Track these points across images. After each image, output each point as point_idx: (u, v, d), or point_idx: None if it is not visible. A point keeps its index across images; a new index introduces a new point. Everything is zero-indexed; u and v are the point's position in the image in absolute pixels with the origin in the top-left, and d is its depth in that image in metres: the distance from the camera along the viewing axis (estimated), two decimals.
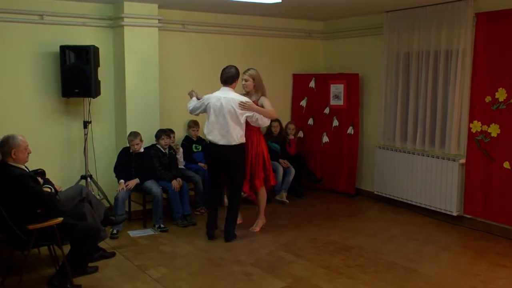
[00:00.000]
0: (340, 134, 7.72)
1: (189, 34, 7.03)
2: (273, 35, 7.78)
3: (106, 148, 6.52)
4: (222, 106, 5.41)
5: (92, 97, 5.99)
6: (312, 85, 7.98)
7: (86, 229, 4.44)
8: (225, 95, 5.46)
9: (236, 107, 5.41)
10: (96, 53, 5.98)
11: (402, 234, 5.95)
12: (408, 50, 6.74)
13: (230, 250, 5.36)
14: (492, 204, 5.90)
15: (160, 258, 5.11)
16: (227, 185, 5.74)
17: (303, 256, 5.19)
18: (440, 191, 6.42)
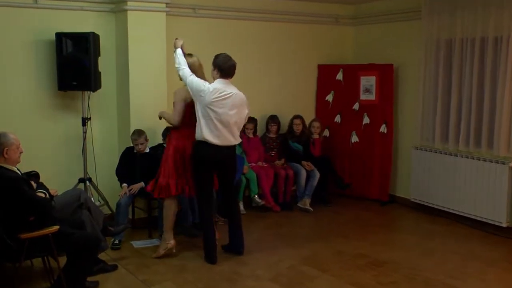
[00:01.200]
0: (372, 133, 7.68)
1: (200, 19, 7.04)
2: (295, 21, 7.76)
3: (107, 148, 6.57)
4: (235, 103, 5.37)
5: (91, 90, 6.03)
6: (339, 77, 7.95)
7: (85, 238, 4.46)
8: (234, 90, 5.42)
9: (246, 106, 5.50)
10: (96, 41, 6.01)
11: (442, 247, 5.90)
12: (449, 37, 6.67)
13: (245, 263, 5.36)
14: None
15: (167, 272, 5.12)
16: (223, 191, 5.65)
17: (329, 271, 5.17)
18: (487, 199, 6.35)
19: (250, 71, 7.45)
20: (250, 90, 7.44)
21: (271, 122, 7.59)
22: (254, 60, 7.50)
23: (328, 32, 8.10)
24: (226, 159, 5.38)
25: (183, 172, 5.43)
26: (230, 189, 5.63)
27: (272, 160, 7.54)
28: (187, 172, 5.42)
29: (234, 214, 5.66)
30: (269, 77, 7.69)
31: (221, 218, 6.64)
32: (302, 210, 7.26)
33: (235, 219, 5.65)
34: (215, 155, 5.27)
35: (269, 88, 7.71)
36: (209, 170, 5.38)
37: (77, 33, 5.92)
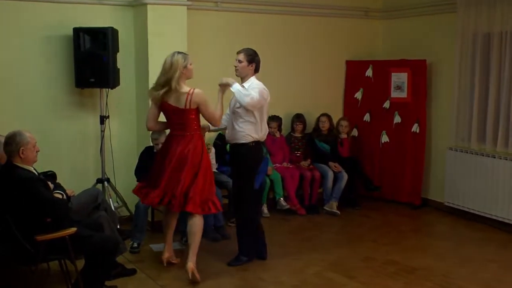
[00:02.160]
0: (403, 133, 7.63)
1: (223, 13, 7.07)
2: (322, 14, 7.75)
3: (125, 147, 6.64)
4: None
5: (110, 87, 6.10)
6: (369, 73, 7.92)
7: (103, 241, 4.50)
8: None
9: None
10: (114, 37, 6.08)
11: (478, 255, 5.84)
12: (488, 31, 6.60)
13: (269, 269, 5.37)
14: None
15: (187, 277, 5.13)
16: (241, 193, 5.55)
17: (357, 279, 5.15)
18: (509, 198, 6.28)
19: (274, 68, 7.45)
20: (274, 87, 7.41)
21: (296, 121, 7.58)
22: (278, 56, 7.50)
23: (357, 26, 8.08)
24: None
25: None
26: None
27: (297, 161, 7.54)
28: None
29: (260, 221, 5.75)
30: (294, 73, 7.69)
31: None
32: (329, 213, 7.25)
33: (259, 225, 5.69)
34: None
35: (295, 85, 7.70)
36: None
37: (95, 28, 5.99)
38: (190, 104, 4.99)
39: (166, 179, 5.05)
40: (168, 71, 5.00)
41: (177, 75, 4.97)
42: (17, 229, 4.17)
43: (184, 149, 5.03)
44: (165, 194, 5.05)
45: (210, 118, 5.16)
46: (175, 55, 5.03)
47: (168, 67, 5.01)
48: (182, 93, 4.99)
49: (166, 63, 5.04)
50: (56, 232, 4.25)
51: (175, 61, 5.00)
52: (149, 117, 5.28)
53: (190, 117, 5.05)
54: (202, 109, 5.06)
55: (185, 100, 4.99)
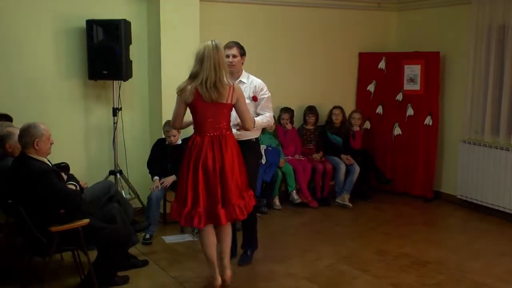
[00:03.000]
0: (416, 125, 7.59)
1: (236, 5, 7.06)
2: (335, 6, 7.71)
3: (138, 139, 6.65)
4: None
5: (122, 79, 6.10)
6: (382, 66, 7.88)
7: (116, 233, 4.54)
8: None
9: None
10: (127, 29, 6.08)
11: (491, 248, 5.81)
12: (503, 22, 6.54)
13: (281, 261, 5.37)
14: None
15: (199, 269, 5.15)
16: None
17: (369, 271, 5.14)
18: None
19: (286, 59, 7.46)
20: (286, 79, 7.49)
21: (309, 113, 7.56)
22: (291, 48, 7.49)
23: (370, 18, 8.03)
24: None
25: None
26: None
27: (309, 153, 7.53)
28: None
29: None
30: (307, 65, 7.66)
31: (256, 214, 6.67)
32: (341, 206, 7.24)
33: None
34: None
35: (307, 77, 7.68)
36: None
37: (108, 20, 5.99)
38: (232, 98, 4.39)
39: (205, 194, 4.40)
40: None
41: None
42: (31, 220, 4.20)
43: (222, 153, 4.40)
44: (209, 213, 4.41)
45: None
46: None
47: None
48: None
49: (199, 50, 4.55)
50: (70, 223, 4.28)
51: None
52: (180, 115, 4.59)
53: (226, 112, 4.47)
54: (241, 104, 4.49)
55: (227, 93, 4.35)
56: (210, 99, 4.31)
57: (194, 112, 4.45)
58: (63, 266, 5.12)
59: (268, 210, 6.92)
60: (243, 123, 4.56)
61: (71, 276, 4.88)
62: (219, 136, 4.40)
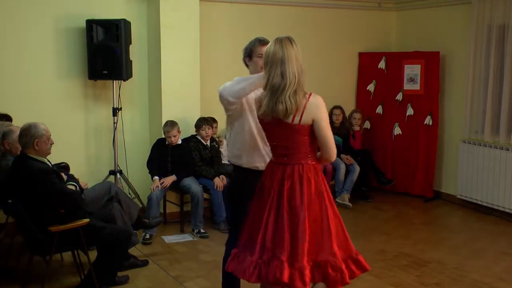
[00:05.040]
0: (416, 125, 7.59)
1: (236, 5, 7.06)
2: (335, 6, 7.71)
3: (138, 139, 6.66)
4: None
5: (122, 79, 6.11)
6: (382, 65, 7.87)
7: (116, 232, 4.54)
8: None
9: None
10: (127, 29, 6.08)
11: (491, 247, 5.81)
12: (503, 22, 6.54)
13: None
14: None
15: (199, 269, 5.18)
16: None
17: (369, 271, 5.12)
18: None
19: None
20: None
21: None
22: None
23: (370, 18, 8.03)
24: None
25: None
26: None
27: None
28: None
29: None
30: (307, 65, 7.58)
31: None
32: (340, 206, 7.22)
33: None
34: None
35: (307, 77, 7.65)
36: None
37: (108, 20, 6.00)
38: (301, 118, 3.24)
39: (269, 238, 3.21)
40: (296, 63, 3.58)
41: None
42: (31, 220, 4.21)
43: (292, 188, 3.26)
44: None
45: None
46: (294, 44, 3.59)
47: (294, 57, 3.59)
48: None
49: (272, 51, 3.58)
50: (69, 223, 4.28)
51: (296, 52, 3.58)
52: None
53: (303, 135, 3.31)
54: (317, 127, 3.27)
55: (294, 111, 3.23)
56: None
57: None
58: (63, 266, 5.13)
59: None
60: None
61: (71, 276, 4.89)
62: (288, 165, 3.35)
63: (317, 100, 3.28)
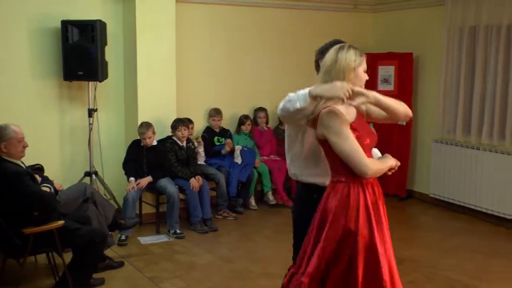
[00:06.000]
0: (390, 126, 7.58)
1: (212, 6, 7.02)
2: (311, 8, 7.71)
3: (114, 140, 6.59)
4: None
5: (98, 80, 6.03)
6: None
7: (91, 234, 4.49)
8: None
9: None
10: (103, 30, 6.01)
11: (464, 245, 5.86)
12: (474, 24, 6.60)
13: (257, 261, 5.36)
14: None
15: (175, 269, 5.14)
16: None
17: None
18: (511, 195, 6.29)
19: (263, 60, 7.44)
20: (263, 80, 7.48)
21: None
22: (267, 49, 7.47)
23: (346, 19, 8.04)
24: None
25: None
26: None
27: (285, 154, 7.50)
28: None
29: None
30: (283, 66, 7.65)
31: (232, 214, 6.67)
32: None
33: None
34: None
35: (282, 77, 7.64)
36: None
37: (83, 21, 5.93)
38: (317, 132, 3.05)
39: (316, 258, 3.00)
40: (328, 72, 3.11)
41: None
42: (5, 222, 4.13)
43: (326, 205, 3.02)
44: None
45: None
46: (346, 50, 3.12)
47: (329, 66, 3.11)
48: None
49: (327, 59, 3.15)
50: (44, 225, 4.22)
51: (344, 58, 3.09)
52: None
53: (326, 151, 3.07)
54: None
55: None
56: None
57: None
58: (37, 268, 5.05)
59: (244, 210, 6.90)
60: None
61: (45, 278, 4.80)
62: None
63: (326, 113, 2.97)
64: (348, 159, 2.93)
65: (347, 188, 2.98)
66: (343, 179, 3.00)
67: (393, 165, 3.21)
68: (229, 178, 6.74)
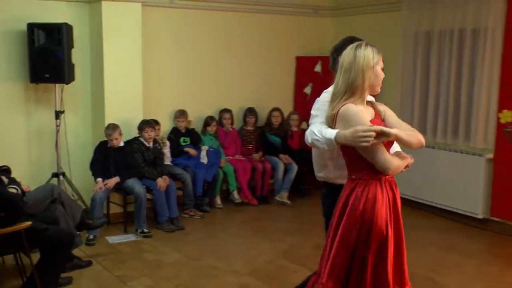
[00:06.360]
0: None
1: (177, 10, 6.98)
2: (274, 12, 7.74)
3: (81, 142, 6.49)
4: None
5: (65, 83, 5.94)
6: (318, 69, 7.94)
7: (59, 234, 4.41)
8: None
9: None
10: (69, 33, 5.92)
11: (420, 240, 5.94)
12: (429, 29, 6.70)
13: (223, 258, 5.34)
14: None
15: (143, 268, 5.08)
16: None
17: (308, 265, 5.16)
18: (464, 191, 6.40)
19: (228, 63, 7.43)
20: (227, 82, 7.48)
21: (249, 115, 7.55)
22: (232, 52, 7.46)
23: (306, 24, 8.09)
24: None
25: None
26: None
27: (249, 154, 7.52)
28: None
29: None
30: (246, 69, 7.66)
31: (198, 212, 6.64)
32: (280, 203, 7.26)
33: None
34: None
35: (247, 80, 7.67)
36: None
37: (49, 24, 5.83)
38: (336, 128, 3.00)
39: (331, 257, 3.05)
40: (348, 71, 3.05)
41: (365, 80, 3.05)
42: None
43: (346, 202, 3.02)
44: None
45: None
46: (364, 47, 3.07)
47: (348, 65, 3.05)
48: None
49: (345, 58, 3.08)
50: (11, 226, 4.12)
51: (362, 56, 3.04)
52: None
53: (346, 150, 3.03)
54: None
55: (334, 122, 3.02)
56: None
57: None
58: (4, 269, 4.92)
59: (210, 209, 6.88)
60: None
61: (13, 279, 4.70)
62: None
63: (346, 110, 2.96)
64: (371, 155, 2.89)
65: (365, 185, 2.96)
66: (362, 177, 2.97)
67: (410, 162, 3.20)
68: (195, 177, 6.71)
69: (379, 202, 2.97)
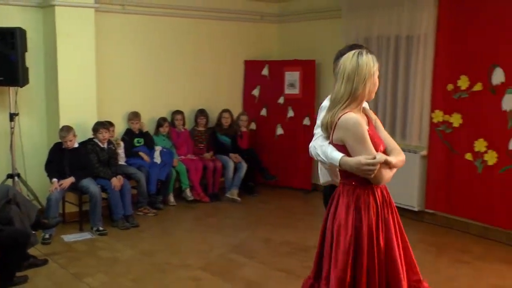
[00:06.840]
0: (296, 126, 7.79)
1: (129, 16, 6.91)
2: (223, 18, 7.76)
3: (36, 143, 6.34)
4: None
5: (19, 86, 5.80)
6: (265, 72, 8.01)
7: (14, 234, 4.32)
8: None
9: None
10: (23, 37, 5.78)
11: None
12: (367, 35, 6.85)
13: (176, 253, 5.34)
14: (453, 198, 6.09)
15: (98, 265, 5.03)
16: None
17: (257, 258, 5.22)
18: (400, 185, 6.51)
19: (179, 67, 7.41)
20: (179, 85, 7.46)
21: (200, 116, 7.55)
22: (183, 56, 7.44)
23: (253, 29, 8.15)
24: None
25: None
26: None
27: (200, 153, 7.52)
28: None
29: None
30: (197, 72, 7.65)
31: (152, 210, 6.60)
32: (230, 200, 7.29)
33: None
34: None
35: (198, 83, 7.67)
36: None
37: (3, 28, 5.68)
38: (332, 136, 2.98)
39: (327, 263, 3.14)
40: (350, 80, 2.88)
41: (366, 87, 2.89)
42: None
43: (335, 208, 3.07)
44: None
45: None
46: (365, 55, 2.89)
47: (351, 72, 2.88)
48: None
49: (346, 65, 2.90)
50: None
51: (365, 64, 2.87)
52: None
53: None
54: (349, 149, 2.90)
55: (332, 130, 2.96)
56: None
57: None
58: None
59: (164, 206, 6.85)
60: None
61: None
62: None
63: (347, 120, 2.85)
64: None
65: (357, 190, 2.96)
66: (354, 183, 2.96)
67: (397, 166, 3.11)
68: (149, 176, 6.67)
69: (368, 209, 2.98)
